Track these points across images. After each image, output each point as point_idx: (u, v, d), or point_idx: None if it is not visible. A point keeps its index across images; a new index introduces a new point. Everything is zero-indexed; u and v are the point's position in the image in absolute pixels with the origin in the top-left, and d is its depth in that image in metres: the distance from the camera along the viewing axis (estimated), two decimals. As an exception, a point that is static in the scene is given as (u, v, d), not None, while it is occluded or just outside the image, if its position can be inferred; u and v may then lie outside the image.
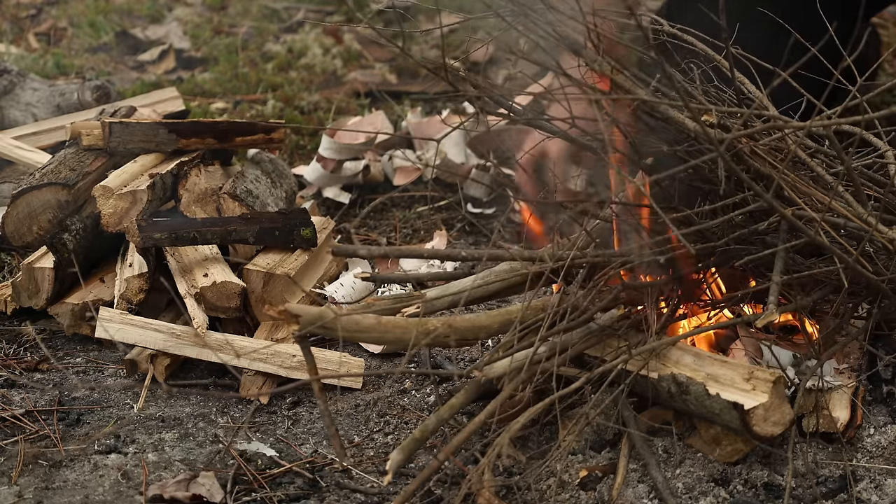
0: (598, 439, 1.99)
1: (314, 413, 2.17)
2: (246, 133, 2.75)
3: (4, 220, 2.52)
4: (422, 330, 1.88)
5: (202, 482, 1.92)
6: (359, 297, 2.50)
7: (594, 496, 1.89)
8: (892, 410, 2.05)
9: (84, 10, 4.60)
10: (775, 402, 1.84)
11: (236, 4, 4.75)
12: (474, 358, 2.30)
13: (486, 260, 2.00)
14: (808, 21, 2.04)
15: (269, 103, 3.67)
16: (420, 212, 3.05)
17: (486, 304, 2.29)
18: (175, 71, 4.12)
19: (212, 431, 2.10)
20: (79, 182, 2.54)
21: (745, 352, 2.06)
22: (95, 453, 2.03)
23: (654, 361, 1.92)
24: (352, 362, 2.25)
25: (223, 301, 2.32)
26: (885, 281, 1.92)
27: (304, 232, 2.48)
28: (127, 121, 2.71)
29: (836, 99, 2.12)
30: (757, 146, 1.89)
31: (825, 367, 1.99)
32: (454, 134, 3.12)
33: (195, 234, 2.38)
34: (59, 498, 1.91)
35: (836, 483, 1.90)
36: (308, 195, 3.09)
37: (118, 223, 2.45)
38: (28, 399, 2.19)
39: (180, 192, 2.56)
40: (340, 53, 4.14)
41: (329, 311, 1.84)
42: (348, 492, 1.94)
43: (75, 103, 3.40)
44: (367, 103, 3.73)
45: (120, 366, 2.31)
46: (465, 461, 1.95)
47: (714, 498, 1.87)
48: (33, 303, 2.43)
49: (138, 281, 2.34)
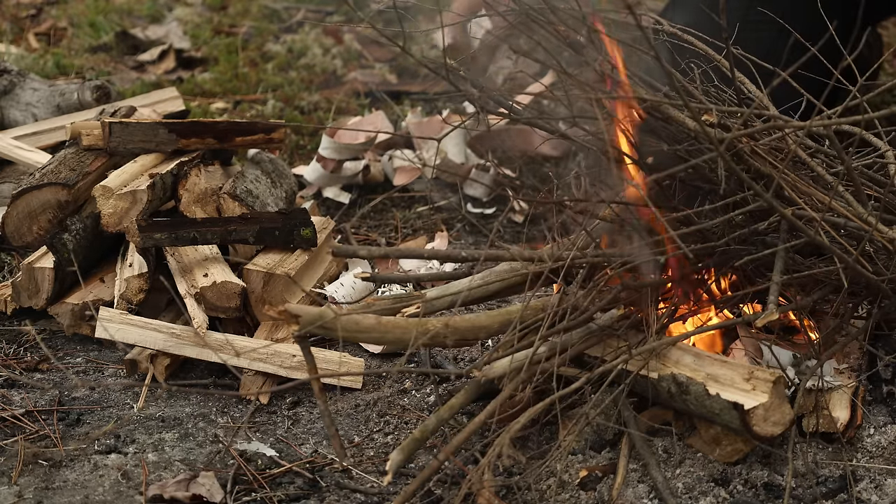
0: (598, 439, 1.99)
1: (314, 413, 2.17)
2: (246, 133, 2.74)
3: (4, 220, 2.52)
4: (421, 330, 1.88)
5: (202, 482, 1.92)
6: (359, 297, 2.50)
7: (594, 496, 1.89)
8: (891, 410, 2.05)
9: (84, 10, 4.60)
10: (775, 402, 1.84)
11: (236, 4, 4.75)
12: (474, 358, 2.30)
13: (486, 260, 2.00)
14: (811, 21, 2.04)
15: (269, 103, 3.67)
16: (420, 212, 3.05)
17: (485, 304, 2.29)
18: (175, 71, 4.12)
19: (212, 431, 2.10)
20: (79, 182, 2.53)
21: (745, 352, 2.06)
22: (95, 453, 2.02)
23: (654, 361, 1.92)
24: (352, 362, 2.25)
25: (223, 301, 2.32)
26: (885, 281, 1.92)
27: (304, 232, 2.48)
28: (127, 121, 2.71)
29: (838, 99, 2.12)
30: (757, 146, 1.89)
31: (825, 367, 1.99)
32: (454, 134, 3.12)
33: (195, 234, 2.38)
34: (59, 498, 1.91)
35: (836, 483, 1.90)
36: (308, 195, 3.09)
37: (118, 223, 2.45)
38: (28, 399, 2.19)
39: (180, 192, 2.56)
40: (340, 53, 4.14)
41: (329, 311, 1.84)
42: (348, 492, 1.94)
43: (75, 103, 3.40)
44: (367, 103, 3.73)
45: (120, 366, 2.31)
46: (465, 461, 1.95)
47: (714, 498, 1.87)
48: (33, 303, 2.43)
49: (138, 281, 2.34)
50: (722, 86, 2.05)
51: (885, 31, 3.88)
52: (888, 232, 1.86)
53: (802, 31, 1.94)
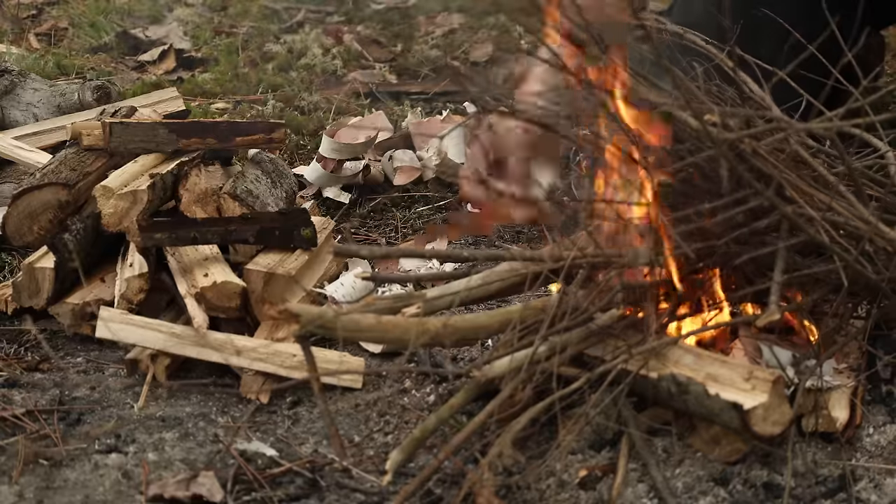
0: (598, 439, 1.99)
1: (314, 413, 2.17)
2: (246, 133, 2.75)
3: (5, 220, 2.52)
4: (421, 330, 1.88)
5: (202, 482, 1.92)
6: (359, 297, 2.50)
7: (594, 496, 1.89)
8: (891, 410, 2.05)
9: (85, 11, 4.60)
10: (775, 402, 1.84)
11: (236, 5, 4.76)
12: (474, 357, 2.31)
13: (486, 260, 2.00)
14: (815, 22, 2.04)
15: (270, 103, 3.67)
16: (420, 212, 3.05)
17: (485, 304, 2.29)
18: (175, 71, 4.12)
19: (212, 431, 2.10)
20: (79, 182, 2.54)
21: (744, 352, 2.06)
22: (96, 453, 2.03)
23: (653, 361, 1.92)
24: (352, 362, 2.25)
25: (223, 301, 2.32)
26: (884, 281, 1.92)
27: (304, 232, 2.48)
28: (127, 121, 2.71)
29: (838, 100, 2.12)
30: (759, 146, 1.89)
31: (824, 366, 1.99)
32: (454, 133, 3.12)
33: (195, 233, 2.38)
34: (60, 497, 1.91)
35: (835, 483, 1.90)
36: (308, 195, 3.09)
37: (119, 223, 2.45)
38: (29, 398, 2.19)
39: (181, 192, 2.56)
40: (340, 53, 4.15)
41: (329, 311, 1.84)
42: (348, 491, 1.94)
43: (76, 103, 3.40)
44: (367, 103, 3.73)
45: (120, 365, 2.31)
46: (466, 461, 1.95)
47: (714, 497, 1.87)
48: (34, 302, 2.43)
49: (138, 281, 2.34)
50: (725, 85, 2.05)
51: (884, 32, 3.87)
52: (889, 232, 1.86)
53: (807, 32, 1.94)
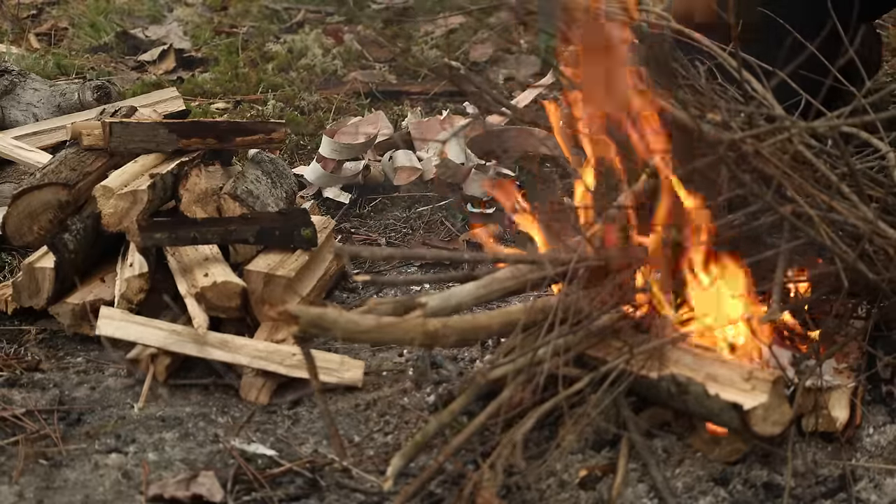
0: (598, 439, 1.99)
1: (314, 413, 2.17)
2: (246, 133, 2.75)
3: (5, 220, 2.52)
4: (421, 330, 1.88)
5: (202, 482, 1.92)
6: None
7: (594, 496, 1.89)
8: (891, 410, 2.05)
9: (85, 11, 4.60)
10: (775, 402, 1.84)
11: (237, 5, 4.75)
12: (474, 357, 2.31)
13: (487, 262, 2.00)
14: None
15: (270, 103, 3.67)
16: (420, 212, 3.05)
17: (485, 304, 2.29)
18: (175, 71, 4.12)
19: (212, 431, 2.10)
20: (79, 182, 2.54)
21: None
22: (96, 453, 2.03)
23: (653, 361, 1.92)
24: (352, 362, 2.25)
25: (224, 301, 2.32)
26: (884, 281, 1.92)
27: (304, 232, 2.48)
28: (127, 121, 2.71)
29: (838, 100, 2.12)
30: (761, 147, 1.89)
31: (824, 366, 1.99)
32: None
33: (195, 234, 2.38)
34: (60, 497, 1.91)
35: (835, 482, 1.90)
36: (308, 195, 3.09)
37: (119, 223, 2.45)
38: (29, 398, 2.19)
39: (181, 192, 2.56)
40: (340, 53, 4.14)
41: (329, 312, 1.84)
42: (348, 491, 1.94)
43: (76, 103, 3.40)
44: (367, 103, 3.73)
45: (121, 365, 2.31)
46: (466, 461, 1.95)
47: (714, 497, 1.87)
48: (34, 302, 2.43)
49: (139, 281, 2.34)
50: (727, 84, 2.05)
51: (884, 32, 3.88)
52: (889, 233, 1.87)
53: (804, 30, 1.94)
